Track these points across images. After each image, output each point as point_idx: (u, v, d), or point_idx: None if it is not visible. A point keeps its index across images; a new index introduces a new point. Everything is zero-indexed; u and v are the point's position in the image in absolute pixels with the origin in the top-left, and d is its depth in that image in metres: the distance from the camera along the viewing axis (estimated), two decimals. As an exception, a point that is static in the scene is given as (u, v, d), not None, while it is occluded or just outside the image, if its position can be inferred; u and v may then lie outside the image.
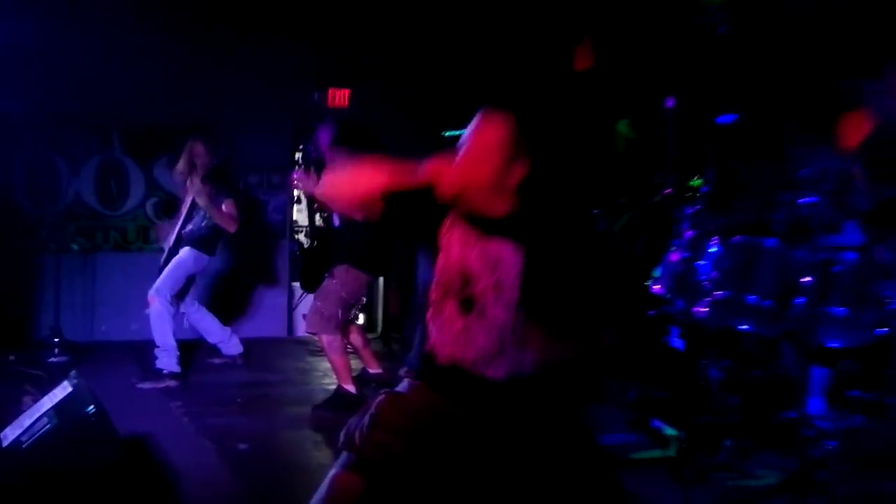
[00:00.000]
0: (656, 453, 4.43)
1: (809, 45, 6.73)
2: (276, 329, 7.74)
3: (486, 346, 2.53)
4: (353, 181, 2.67)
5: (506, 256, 2.54)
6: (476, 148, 2.55)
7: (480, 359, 2.52)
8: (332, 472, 2.59)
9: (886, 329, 4.24)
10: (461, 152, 2.56)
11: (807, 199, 4.56)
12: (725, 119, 5.58)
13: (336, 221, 5.69)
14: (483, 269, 2.55)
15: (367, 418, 2.65)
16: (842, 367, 4.72)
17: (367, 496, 2.47)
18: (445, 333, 2.60)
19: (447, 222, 2.63)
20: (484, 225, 2.58)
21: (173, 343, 5.94)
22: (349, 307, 5.60)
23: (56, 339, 6.55)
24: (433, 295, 2.64)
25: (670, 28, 7.14)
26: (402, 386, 2.76)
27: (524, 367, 2.52)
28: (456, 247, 2.61)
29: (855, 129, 6.24)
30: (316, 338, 5.50)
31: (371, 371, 5.95)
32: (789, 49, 6.84)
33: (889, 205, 4.99)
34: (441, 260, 2.63)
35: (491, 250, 2.56)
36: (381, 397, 2.71)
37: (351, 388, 5.40)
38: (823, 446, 4.26)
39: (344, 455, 2.62)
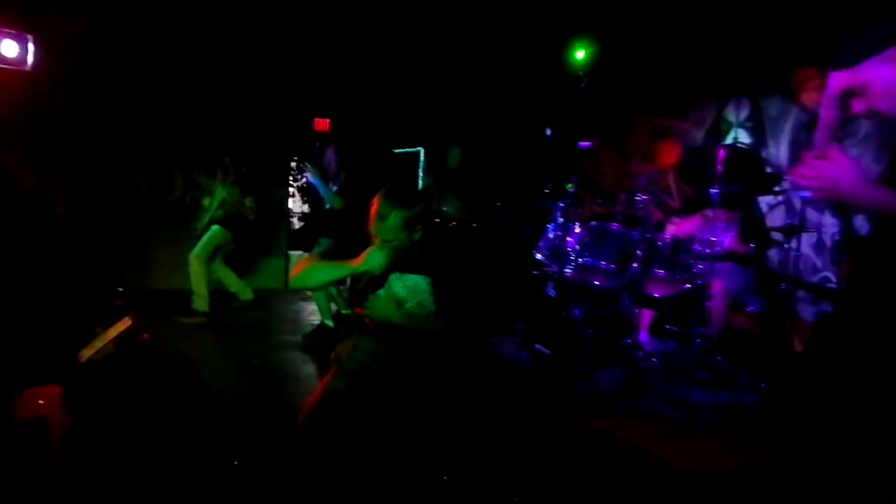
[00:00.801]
0: (537, 367, 4.43)
1: (637, 95, 6.79)
2: (277, 282, 7.57)
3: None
4: (312, 277, 2.66)
5: (421, 284, 2.56)
6: (385, 234, 2.53)
7: None
8: (325, 380, 2.54)
9: (690, 285, 4.29)
10: (377, 239, 2.56)
11: (639, 198, 4.56)
12: (584, 144, 5.56)
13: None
14: (408, 294, 2.57)
15: (349, 345, 2.60)
16: (661, 309, 4.76)
17: (349, 395, 2.45)
18: None
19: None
20: (404, 266, 2.57)
21: (205, 291, 5.79)
22: None
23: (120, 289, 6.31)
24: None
25: (550, 80, 7.12)
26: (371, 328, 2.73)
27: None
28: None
29: (669, 152, 6.32)
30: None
31: (343, 312, 5.84)
32: (625, 97, 6.88)
33: (690, 203, 5.05)
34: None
35: (412, 281, 2.57)
36: (360, 332, 2.70)
37: (330, 323, 5.28)
38: (648, 363, 4.31)
39: (333, 369, 2.57)
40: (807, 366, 2.24)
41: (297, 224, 7.96)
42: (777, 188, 4.96)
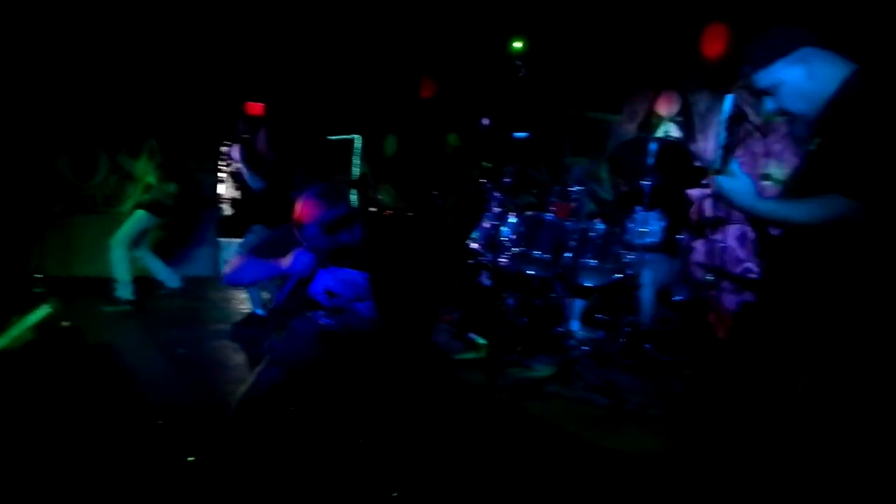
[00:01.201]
0: (472, 355, 4.46)
1: (572, 87, 6.89)
2: (207, 269, 7.38)
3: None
4: (245, 275, 2.70)
5: (358, 278, 2.60)
6: (309, 238, 2.56)
7: None
8: (258, 369, 2.51)
9: (621, 275, 4.39)
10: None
11: (573, 189, 4.63)
12: (520, 135, 5.60)
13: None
14: (344, 287, 2.61)
15: (287, 332, 2.60)
16: (593, 298, 4.85)
17: (283, 384, 2.46)
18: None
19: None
20: (340, 259, 2.61)
21: (128, 278, 5.57)
22: None
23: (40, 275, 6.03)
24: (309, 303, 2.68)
25: (487, 70, 7.16)
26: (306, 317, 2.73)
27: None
28: (322, 277, 2.62)
29: (602, 145, 6.44)
30: None
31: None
32: (561, 89, 6.98)
33: (623, 197, 5.17)
34: (314, 283, 2.65)
35: (348, 275, 2.60)
36: (294, 321, 2.69)
37: (261, 311, 5.18)
38: (579, 351, 4.39)
39: (266, 358, 2.54)
40: (729, 353, 2.34)
41: (227, 210, 7.76)
42: (705, 181, 5.11)
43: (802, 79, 1.87)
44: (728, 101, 1.83)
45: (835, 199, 1.71)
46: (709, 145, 5.62)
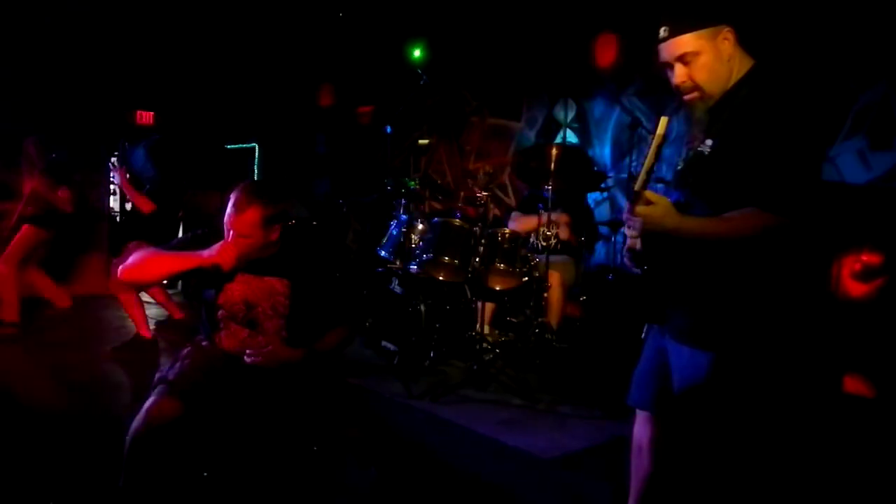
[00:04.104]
0: (383, 363, 4.43)
1: (473, 94, 6.98)
2: (98, 287, 6.96)
3: (262, 344, 2.45)
4: (150, 268, 2.42)
5: (277, 286, 2.47)
6: (242, 229, 2.38)
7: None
8: (150, 401, 2.34)
9: (528, 277, 4.46)
10: (232, 234, 2.39)
11: (477, 195, 4.66)
12: (424, 142, 5.61)
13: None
14: (261, 297, 2.47)
15: (181, 360, 2.50)
16: (502, 301, 4.90)
17: (182, 415, 2.30)
18: (232, 340, 2.52)
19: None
20: (258, 267, 2.48)
21: (15, 298, 5.16)
22: None
23: None
24: (219, 315, 2.53)
25: (388, 78, 7.15)
26: (202, 343, 2.64)
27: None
28: (238, 285, 2.48)
29: (504, 150, 6.56)
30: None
31: (176, 317, 5.50)
32: (462, 97, 7.06)
33: (525, 200, 5.26)
34: (224, 294, 2.50)
35: (265, 283, 2.47)
36: (188, 348, 2.59)
37: (146, 333, 4.92)
38: (492, 353, 4.43)
39: (159, 388, 2.38)
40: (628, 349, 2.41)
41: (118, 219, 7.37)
42: (603, 185, 5.31)
43: (714, 55, 1.87)
44: (662, 124, 1.76)
45: (755, 213, 1.75)
46: (605, 150, 5.84)
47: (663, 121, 1.75)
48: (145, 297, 5.47)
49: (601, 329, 4.56)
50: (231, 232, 2.40)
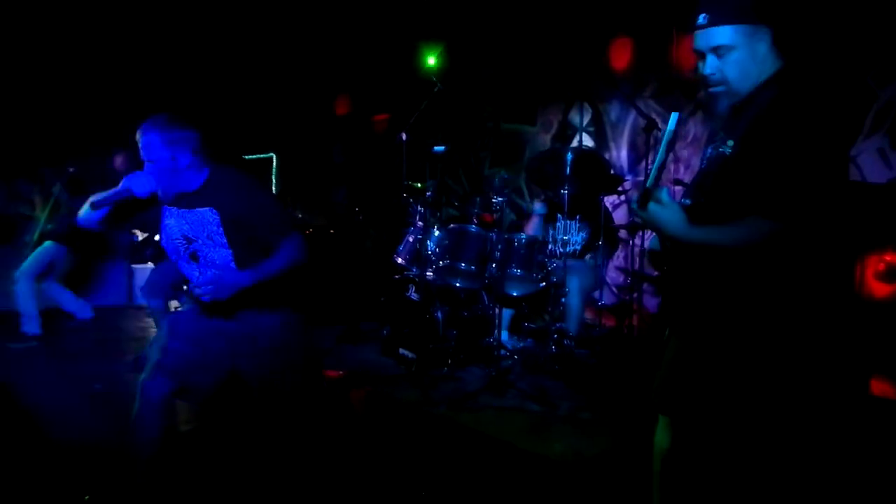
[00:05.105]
0: (402, 371, 4.42)
1: (488, 100, 6.98)
2: (119, 298, 7.03)
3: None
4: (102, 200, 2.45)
5: (207, 216, 2.49)
6: (147, 155, 2.42)
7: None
8: (141, 381, 2.50)
9: (546, 283, 4.44)
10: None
11: (494, 200, 4.65)
12: (439, 149, 5.60)
13: None
14: (196, 228, 2.50)
15: (164, 335, 2.62)
16: (520, 307, 4.88)
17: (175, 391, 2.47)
18: (192, 285, 2.56)
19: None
20: (187, 201, 2.51)
21: (35, 311, 5.25)
22: (179, 283, 5.16)
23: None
24: (169, 254, 2.61)
25: (406, 88, 7.15)
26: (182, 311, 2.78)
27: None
28: (173, 220, 2.54)
29: (520, 155, 6.52)
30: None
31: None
32: (477, 103, 7.06)
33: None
34: (164, 233, 2.57)
35: (196, 215, 2.49)
36: (170, 319, 2.72)
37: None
38: (510, 360, 4.41)
39: (148, 368, 2.53)
40: (650, 353, 2.37)
41: (140, 234, 7.42)
42: (620, 188, 5.26)
43: (748, 53, 1.83)
44: (673, 119, 1.73)
45: (756, 221, 1.72)
46: (621, 153, 5.80)
47: (674, 116, 1.72)
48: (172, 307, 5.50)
49: (620, 333, 4.53)
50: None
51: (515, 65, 6.52)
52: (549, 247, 4.55)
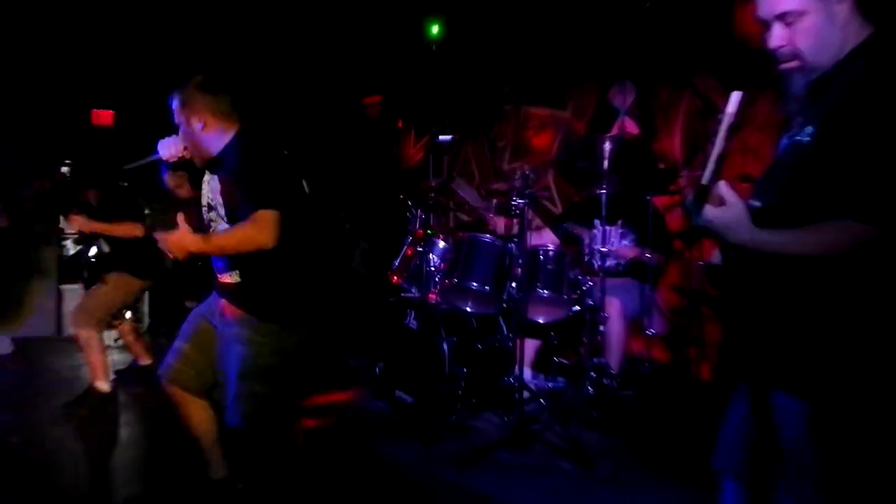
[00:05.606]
0: (397, 420, 4.38)
1: (506, 78, 6.95)
2: (46, 329, 7.03)
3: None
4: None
5: (214, 184, 2.87)
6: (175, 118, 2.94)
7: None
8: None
9: (580, 306, 4.40)
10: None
11: (514, 202, 4.61)
12: (445, 139, 5.59)
13: (104, 247, 5.13)
14: (214, 196, 2.87)
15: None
16: (547, 338, 4.85)
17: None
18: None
19: None
20: (210, 166, 2.93)
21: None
22: (119, 310, 5.14)
23: None
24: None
25: (403, 63, 7.17)
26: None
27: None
28: (205, 188, 2.94)
29: (546, 146, 6.50)
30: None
31: (141, 363, 5.49)
32: (492, 81, 7.04)
33: (576, 209, 5.20)
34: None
35: (213, 182, 2.88)
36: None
37: (104, 385, 4.89)
38: (535, 405, 4.36)
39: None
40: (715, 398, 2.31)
41: (72, 248, 7.44)
42: (672, 186, 5.21)
43: (825, 18, 1.81)
44: (735, 100, 1.71)
45: (845, 224, 1.67)
46: (673, 142, 5.76)
47: (735, 96, 1.69)
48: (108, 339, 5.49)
49: (677, 371, 4.49)
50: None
51: (541, 33, 6.50)
52: (585, 260, 4.51)
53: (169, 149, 2.96)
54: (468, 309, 4.52)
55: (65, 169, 7.30)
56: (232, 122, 2.89)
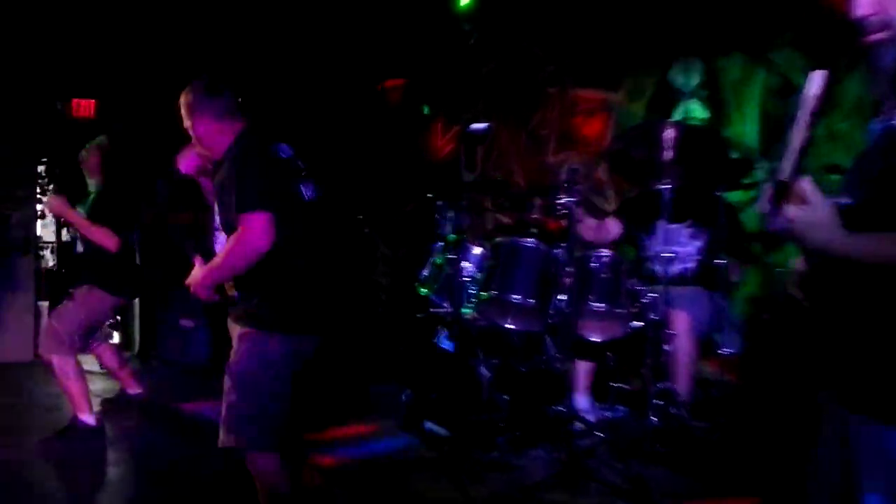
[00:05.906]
0: (430, 456, 4.35)
1: (550, 55, 6.92)
2: (22, 352, 7.10)
3: None
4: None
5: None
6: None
7: None
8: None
9: (641, 321, 4.34)
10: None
11: (561, 201, 4.58)
12: (478, 128, 5.58)
13: (79, 246, 5.14)
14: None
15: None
16: (603, 359, 4.81)
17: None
18: None
19: None
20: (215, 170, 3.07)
21: None
22: (90, 330, 5.10)
23: None
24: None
25: (429, 41, 7.17)
26: None
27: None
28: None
29: (598, 135, 6.45)
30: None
31: (130, 392, 5.48)
32: (533, 59, 7.00)
33: (633, 207, 5.15)
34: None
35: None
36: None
37: (88, 418, 4.86)
38: (589, 437, 4.32)
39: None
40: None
41: (51, 260, 7.53)
42: (747, 179, 5.15)
43: None
44: (818, 80, 1.70)
45: None
46: (747, 127, 5.71)
47: (817, 76, 1.71)
48: (88, 364, 5.48)
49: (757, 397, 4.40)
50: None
51: (591, 5, 6.46)
52: (646, 268, 4.45)
53: (187, 161, 3.18)
54: (509, 326, 4.50)
55: (40, 168, 7.40)
56: (236, 121, 3.06)
